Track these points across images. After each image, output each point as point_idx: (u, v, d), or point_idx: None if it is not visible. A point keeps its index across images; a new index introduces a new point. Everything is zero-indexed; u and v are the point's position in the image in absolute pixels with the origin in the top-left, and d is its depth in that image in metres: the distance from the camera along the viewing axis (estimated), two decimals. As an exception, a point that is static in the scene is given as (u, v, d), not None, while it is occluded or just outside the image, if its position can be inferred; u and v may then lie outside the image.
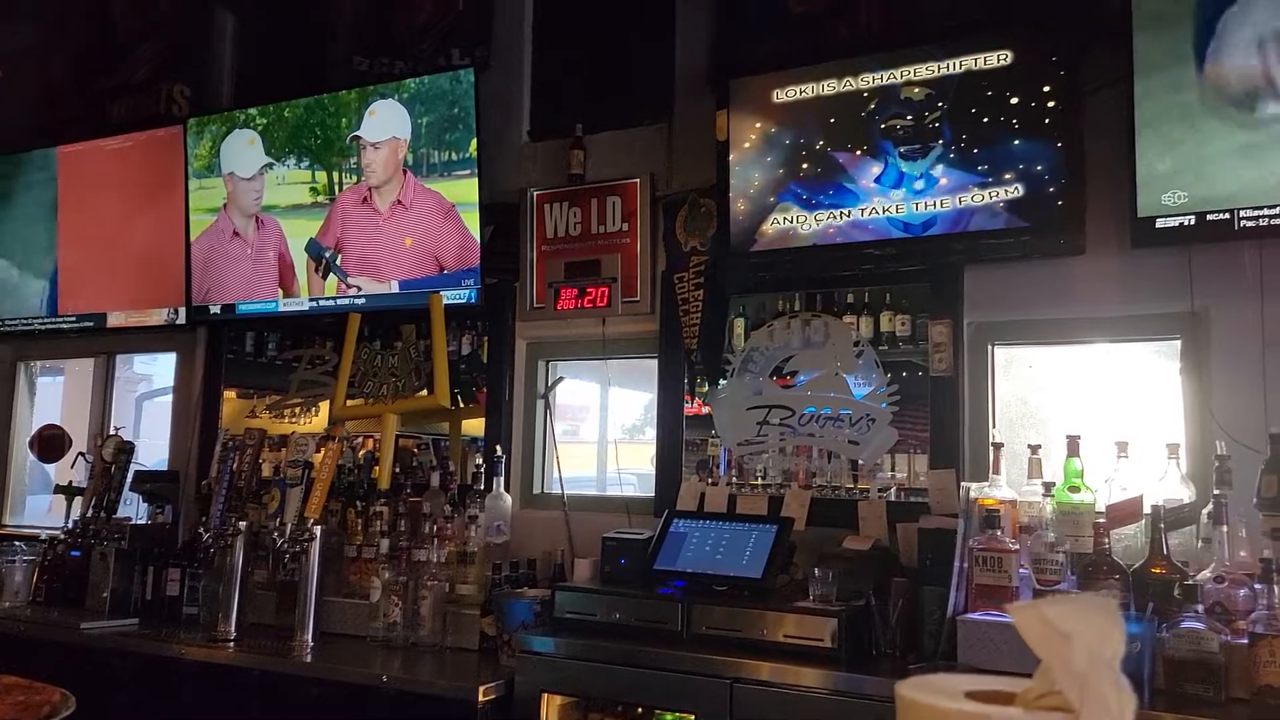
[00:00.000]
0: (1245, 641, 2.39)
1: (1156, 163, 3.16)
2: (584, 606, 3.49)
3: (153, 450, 5.41)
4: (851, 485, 3.84)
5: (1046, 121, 3.36)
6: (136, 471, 4.89)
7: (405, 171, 4.56)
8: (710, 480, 4.09)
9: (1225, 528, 2.63)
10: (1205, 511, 2.76)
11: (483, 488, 4.22)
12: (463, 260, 4.39)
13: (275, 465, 4.67)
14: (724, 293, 4.08)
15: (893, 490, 3.88)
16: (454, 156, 4.44)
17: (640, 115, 4.35)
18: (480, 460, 4.34)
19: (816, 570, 3.27)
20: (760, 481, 4.01)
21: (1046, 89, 3.36)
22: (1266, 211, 3.00)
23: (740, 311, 4.13)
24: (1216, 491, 2.74)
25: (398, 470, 4.48)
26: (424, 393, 4.39)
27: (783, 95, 3.82)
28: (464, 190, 4.40)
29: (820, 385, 3.89)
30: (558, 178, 4.44)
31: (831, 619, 3.07)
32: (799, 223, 3.78)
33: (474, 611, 3.82)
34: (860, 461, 3.81)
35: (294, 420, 5.36)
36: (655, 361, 4.21)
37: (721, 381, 4.04)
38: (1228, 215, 3.05)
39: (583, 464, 4.97)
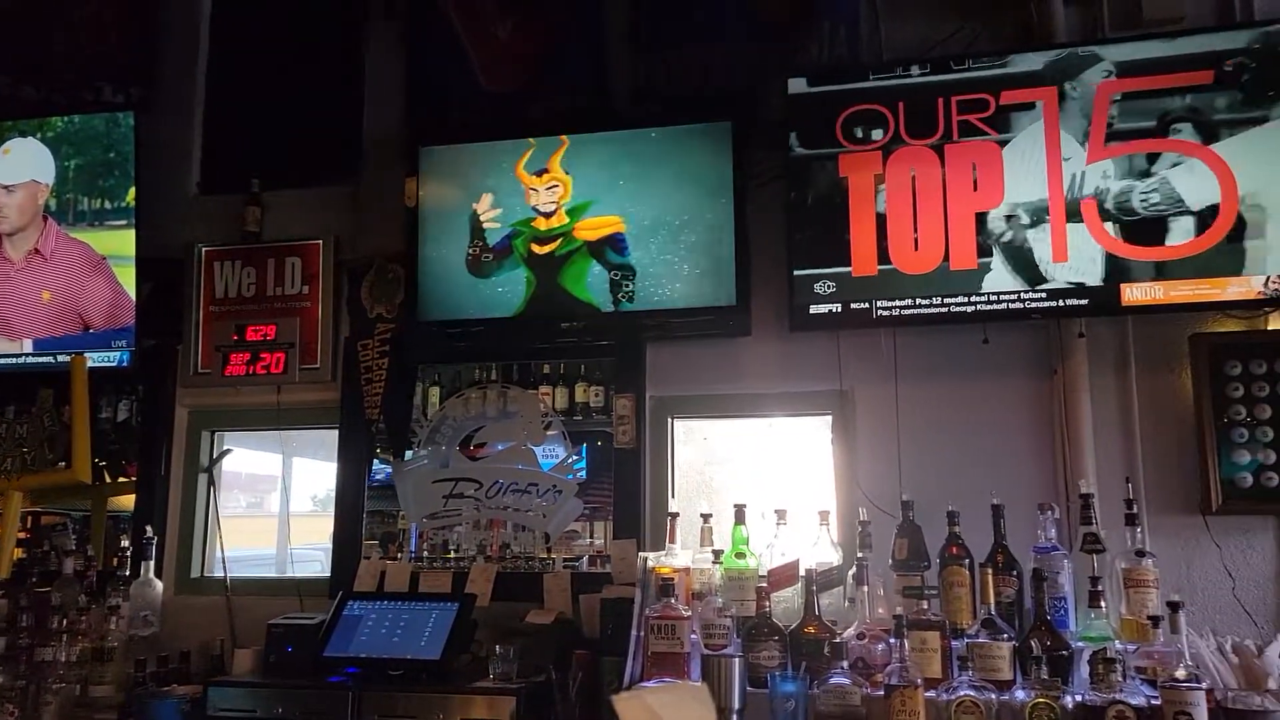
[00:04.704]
0: (882, 694, 2.61)
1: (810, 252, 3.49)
2: (242, 702, 3.21)
3: None
4: (546, 556, 3.85)
5: (717, 210, 3.60)
6: None
7: (46, 218, 4.08)
8: (398, 556, 3.91)
9: (866, 588, 2.87)
10: (850, 573, 3.01)
11: (129, 573, 3.77)
12: (114, 319, 3.97)
13: None
14: (412, 362, 3.98)
15: (585, 559, 3.91)
16: (108, 205, 4.04)
17: (326, 174, 4.18)
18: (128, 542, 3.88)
19: (498, 647, 3.22)
20: (453, 555, 3.91)
21: (719, 180, 3.61)
22: (898, 303, 3.39)
23: (435, 380, 4.06)
24: (860, 554, 2.99)
25: (23, 556, 3.90)
26: (61, 466, 3.88)
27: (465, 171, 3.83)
28: (118, 242, 4.00)
29: (509, 457, 3.88)
30: (231, 234, 4.17)
31: (510, 698, 3.02)
32: (491, 293, 3.77)
33: (110, 716, 3.40)
34: (549, 533, 3.81)
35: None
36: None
37: (408, 453, 3.91)
38: (867, 305, 3.42)
39: (269, 539, 4.63)
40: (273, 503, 4.89)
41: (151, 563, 3.81)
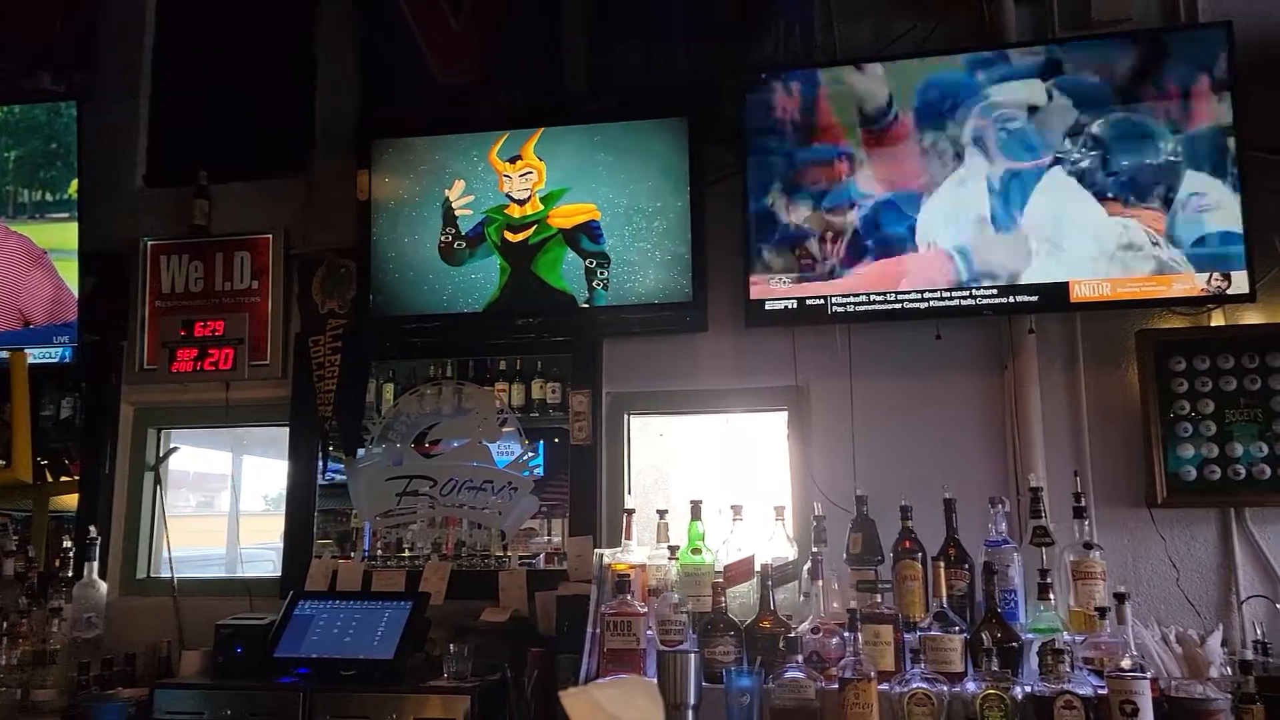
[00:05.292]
0: (836, 687, 2.62)
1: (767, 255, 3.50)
2: (190, 705, 3.15)
3: None
4: (502, 554, 3.82)
5: (677, 205, 3.60)
6: None
7: (-16, 210, 3.97)
8: (352, 555, 3.87)
9: (821, 582, 2.89)
10: (805, 568, 3.02)
11: (72, 574, 3.68)
12: (56, 314, 3.89)
13: None
14: (365, 358, 3.92)
15: (541, 556, 3.88)
16: (49, 197, 3.95)
17: (275, 167, 4.10)
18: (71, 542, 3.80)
19: (452, 646, 3.19)
20: (407, 554, 3.86)
21: (676, 175, 3.61)
22: (852, 299, 3.41)
23: (390, 376, 4.00)
24: (815, 549, 3.01)
25: (-40, 558, 3.79)
26: (0, 465, 3.78)
27: (424, 162, 3.79)
28: (61, 236, 3.91)
29: (464, 454, 3.84)
30: (177, 228, 4.08)
31: (464, 697, 2.99)
32: (444, 288, 3.73)
33: (53, 721, 3.29)
34: (504, 530, 3.78)
35: None
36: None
37: (361, 451, 3.86)
38: (822, 301, 3.44)
39: (219, 539, 4.55)
40: (222, 501, 4.80)
41: (95, 564, 3.72)
